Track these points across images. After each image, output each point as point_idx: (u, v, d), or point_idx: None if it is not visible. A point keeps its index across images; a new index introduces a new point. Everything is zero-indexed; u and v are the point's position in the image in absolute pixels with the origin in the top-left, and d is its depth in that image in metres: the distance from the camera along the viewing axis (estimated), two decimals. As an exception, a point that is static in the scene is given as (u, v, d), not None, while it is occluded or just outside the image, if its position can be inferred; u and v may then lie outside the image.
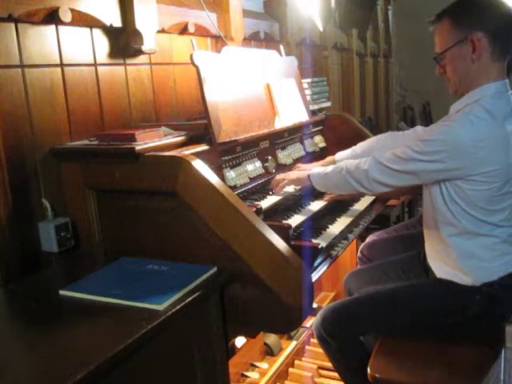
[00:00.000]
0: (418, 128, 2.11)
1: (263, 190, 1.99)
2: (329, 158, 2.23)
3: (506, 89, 1.63)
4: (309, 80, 2.61)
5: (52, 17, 1.63)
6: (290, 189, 2.01)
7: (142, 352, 1.13)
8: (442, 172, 1.57)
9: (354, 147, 2.21)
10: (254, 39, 2.80)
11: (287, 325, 1.44)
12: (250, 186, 1.93)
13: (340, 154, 2.21)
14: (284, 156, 2.23)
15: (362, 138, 2.52)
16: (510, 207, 1.62)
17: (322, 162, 2.22)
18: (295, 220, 1.83)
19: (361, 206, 2.19)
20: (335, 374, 2.00)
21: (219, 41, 2.46)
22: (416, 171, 1.60)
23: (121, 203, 1.60)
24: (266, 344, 2.40)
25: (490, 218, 1.59)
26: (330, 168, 1.85)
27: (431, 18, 1.71)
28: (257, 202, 1.81)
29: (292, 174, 1.98)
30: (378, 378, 1.56)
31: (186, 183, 1.45)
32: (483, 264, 1.63)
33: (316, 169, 1.93)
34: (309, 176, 1.88)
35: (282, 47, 2.52)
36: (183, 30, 2.21)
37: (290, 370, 2.42)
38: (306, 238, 1.77)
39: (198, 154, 1.56)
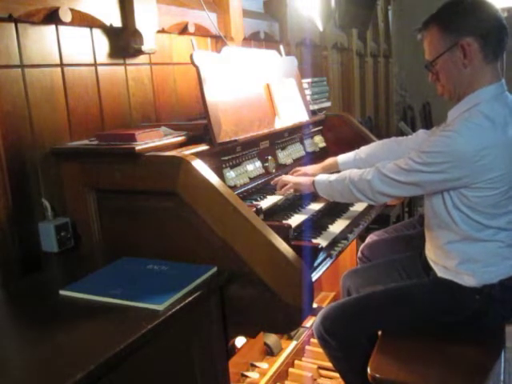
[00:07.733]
0: (420, 132, 2.08)
1: (263, 190, 1.99)
2: (330, 160, 2.17)
3: (504, 89, 1.62)
4: (309, 80, 2.61)
5: (52, 17, 1.63)
6: (290, 189, 2.01)
7: (141, 352, 1.13)
8: (446, 182, 1.56)
9: (357, 151, 2.15)
10: (254, 39, 2.80)
11: (287, 325, 1.44)
12: (250, 186, 1.93)
13: (342, 157, 2.15)
14: (284, 156, 2.23)
15: (362, 137, 2.52)
16: None
17: (322, 164, 2.17)
18: (295, 220, 1.83)
19: (361, 206, 2.18)
20: (335, 374, 2.01)
21: (219, 41, 2.45)
22: (419, 182, 1.59)
23: (121, 203, 1.60)
24: (265, 344, 2.40)
25: (494, 222, 1.59)
26: (334, 176, 1.83)
27: (418, 26, 1.69)
28: (257, 202, 1.81)
29: (297, 179, 1.96)
30: (378, 377, 1.56)
31: (186, 183, 1.45)
32: (485, 268, 1.62)
33: (321, 176, 1.90)
34: (313, 182, 1.88)
35: (281, 47, 2.52)
36: (183, 30, 2.21)
37: (290, 370, 2.42)
38: (306, 237, 1.77)
39: (197, 154, 1.56)
